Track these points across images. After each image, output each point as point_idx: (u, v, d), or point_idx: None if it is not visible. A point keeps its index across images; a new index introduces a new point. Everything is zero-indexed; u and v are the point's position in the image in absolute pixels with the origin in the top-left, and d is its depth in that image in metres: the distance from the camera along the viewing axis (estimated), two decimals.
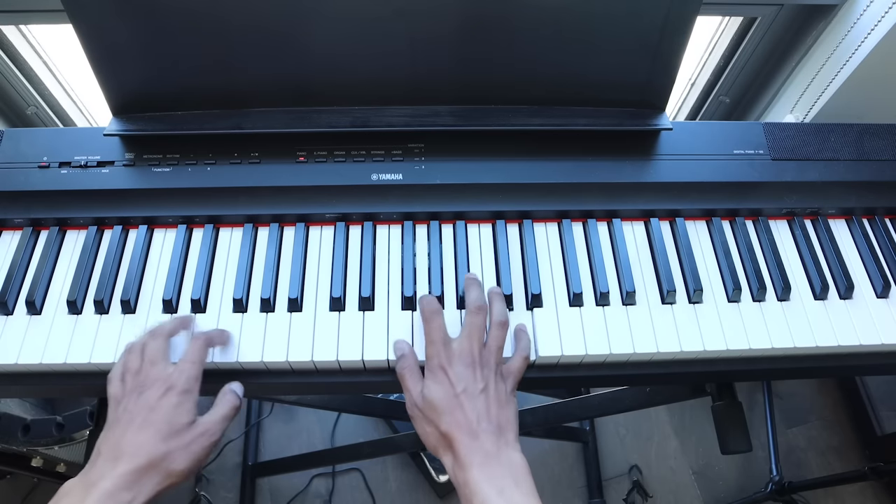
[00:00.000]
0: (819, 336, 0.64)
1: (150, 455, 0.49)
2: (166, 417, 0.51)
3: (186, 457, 0.51)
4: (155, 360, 0.55)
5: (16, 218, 0.68)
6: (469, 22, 0.64)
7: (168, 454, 0.50)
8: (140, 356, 0.56)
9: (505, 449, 0.52)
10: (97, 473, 0.49)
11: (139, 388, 0.53)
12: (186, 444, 0.51)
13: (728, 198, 0.71)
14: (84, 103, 1.08)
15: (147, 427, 0.51)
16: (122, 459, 0.49)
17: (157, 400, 0.52)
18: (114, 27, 0.62)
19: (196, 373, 0.55)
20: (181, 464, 0.50)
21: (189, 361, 0.55)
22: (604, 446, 1.49)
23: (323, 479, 1.43)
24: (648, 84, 0.70)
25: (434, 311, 0.59)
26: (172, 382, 0.53)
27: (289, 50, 0.65)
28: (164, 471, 0.50)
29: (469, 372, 0.55)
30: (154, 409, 0.52)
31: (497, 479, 0.50)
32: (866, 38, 0.80)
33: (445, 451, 0.53)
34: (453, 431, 0.53)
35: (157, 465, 0.49)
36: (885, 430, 1.40)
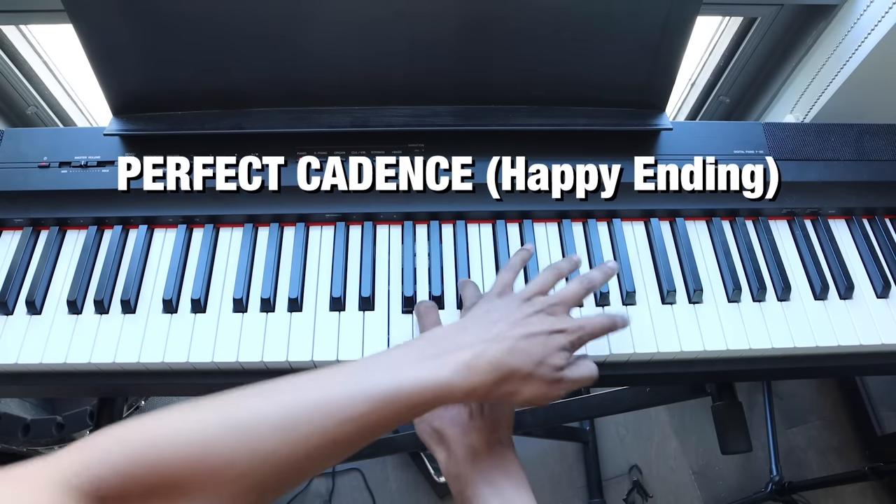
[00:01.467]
0: (819, 336, 0.64)
1: (522, 363, 0.47)
2: (551, 349, 0.49)
3: (537, 391, 0.48)
4: (567, 301, 0.53)
5: (16, 218, 0.68)
6: (469, 22, 0.64)
7: (531, 377, 0.47)
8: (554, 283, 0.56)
9: (496, 445, 0.52)
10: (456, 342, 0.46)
11: (541, 306, 0.51)
12: (548, 381, 0.49)
13: (728, 198, 0.71)
14: (84, 103, 1.08)
15: (534, 342, 0.48)
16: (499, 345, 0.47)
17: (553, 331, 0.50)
18: (114, 27, 0.62)
19: (588, 340, 0.53)
20: (529, 393, 0.48)
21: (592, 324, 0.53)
22: (604, 446, 1.49)
23: (323, 479, 1.43)
24: (648, 84, 0.70)
25: (429, 306, 0.60)
26: (571, 329, 0.51)
27: (289, 50, 0.65)
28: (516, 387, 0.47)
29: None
30: (546, 335, 0.49)
31: (489, 473, 0.50)
32: (866, 38, 0.80)
33: (438, 446, 0.53)
34: (444, 426, 0.53)
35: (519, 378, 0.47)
36: (885, 430, 1.40)
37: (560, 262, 0.58)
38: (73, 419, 0.99)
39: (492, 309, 0.51)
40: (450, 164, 0.68)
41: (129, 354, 0.60)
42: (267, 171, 0.68)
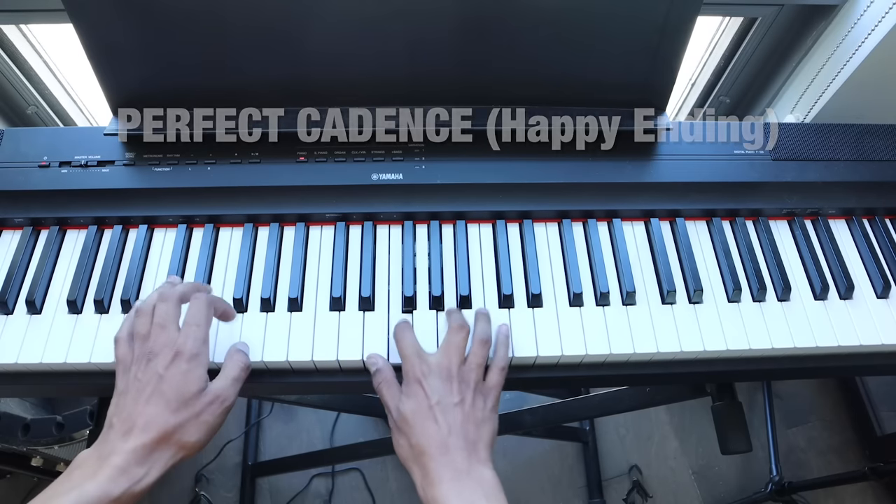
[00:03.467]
0: (819, 336, 0.64)
1: (161, 428, 0.47)
2: (176, 387, 0.49)
3: (199, 427, 0.49)
4: (164, 323, 0.52)
5: (16, 217, 0.68)
6: (469, 22, 0.64)
7: (180, 426, 0.48)
8: (149, 319, 0.53)
9: (476, 465, 0.51)
10: (109, 447, 0.47)
11: (147, 354, 0.51)
12: (198, 413, 0.49)
13: (728, 198, 0.71)
14: (84, 103, 1.08)
15: (157, 398, 0.49)
16: (133, 433, 0.47)
17: (166, 368, 0.50)
18: (114, 27, 0.62)
19: (203, 335, 0.52)
20: (194, 435, 0.49)
21: (194, 324, 0.52)
22: (604, 446, 1.49)
23: (323, 479, 1.43)
24: (649, 84, 0.70)
25: (404, 328, 0.59)
26: (180, 348, 0.51)
27: (289, 49, 0.65)
28: (177, 443, 0.48)
29: (445, 385, 0.54)
30: (163, 379, 0.49)
31: (467, 494, 0.49)
32: (867, 38, 0.80)
33: (414, 465, 0.52)
34: (423, 444, 0.51)
35: (170, 437, 0.48)
36: (885, 430, 1.40)
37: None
38: (73, 419, 0.99)
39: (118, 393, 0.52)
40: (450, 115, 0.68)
41: None
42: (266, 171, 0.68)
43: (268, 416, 1.49)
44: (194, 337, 0.52)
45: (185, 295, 0.55)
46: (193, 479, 1.40)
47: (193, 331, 0.52)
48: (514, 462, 1.45)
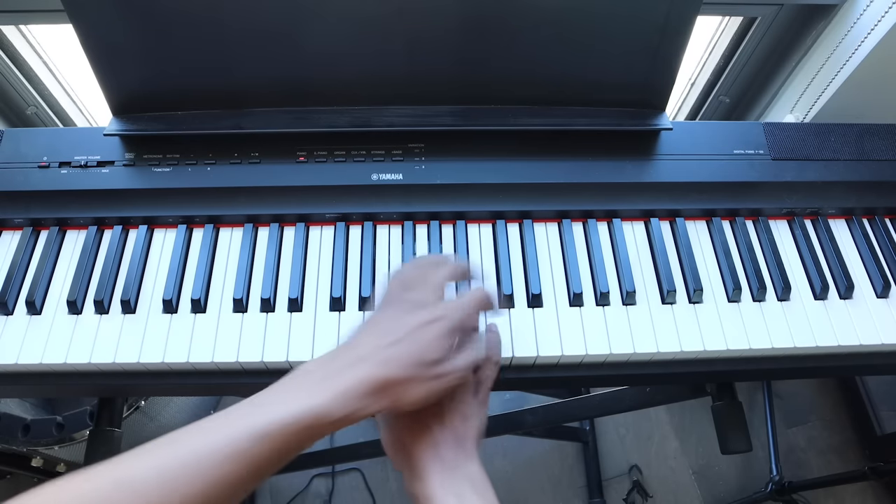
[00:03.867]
0: (819, 336, 0.64)
1: (394, 373, 0.47)
2: (425, 344, 0.48)
3: (422, 390, 0.48)
4: (436, 286, 0.52)
5: (16, 218, 0.68)
6: (468, 22, 0.64)
7: (409, 381, 0.47)
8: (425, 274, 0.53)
9: (464, 461, 0.51)
10: (339, 366, 0.47)
11: (412, 303, 0.51)
12: (429, 378, 0.48)
13: (728, 198, 0.71)
14: (84, 103, 1.08)
15: (404, 345, 0.48)
16: (368, 364, 0.47)
17: (426, 324, 0.49)
18: (114, 27, 0.62)
19: (467, 319, 0.52)
20: (413, 395, 0.48)
21: (469, 305, 0.52)
22: (604, 446, 1.49)
23: (323, 479, 1.43)
24: (648, 84, 0.70)
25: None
26: (445, 315, 0.50)
27: (288, 49, 0.65)
28: (397, 395, 0.47)
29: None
30: (418, 330, 0.49)
31: (457, 489, 0.49)
32: (866, 38, 0.80)
33: (403, 459, 0.52)
34: (412, 440, 0.51)
35: (396, 385, 0.47)
36: (884, 429, 1.40)
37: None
38: (73, 419, 0.99)
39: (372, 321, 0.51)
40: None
41: (129, 354, 0.60)
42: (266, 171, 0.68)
43: None
44: (462, 314, 0.51)
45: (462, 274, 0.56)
46: None
47: (463, 308, 0.52)
48: (514, 462, 1.45)
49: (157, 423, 1.13)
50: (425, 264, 0.54)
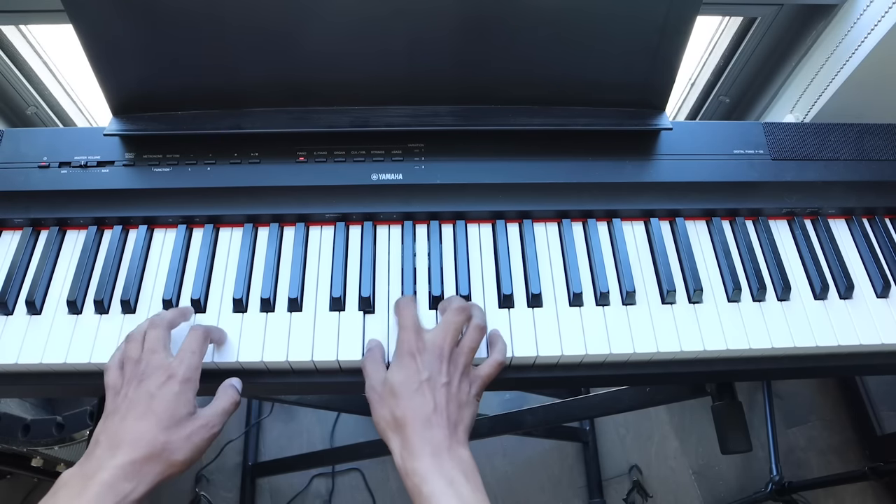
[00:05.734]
0: (819, 336, 0.64)
1: (150, 445, 0.49)
2: (167, 406, 0.50)
3: (187, 447, 0.50)
4: (155, 348, 0.54)
5: (16, 218, 0.68)
6: (468, 22, 0.64)
7: (168, 444, 0.49)
8: (140, 345, 0.55)
9: (456, 445, 0.52)
10: (95, 464, 0.48)
11: (139, 376, 0.52)
12: (187, 434, 0.50)
13: (728, 198, 0.71)
14: (84, 103, 1.08)
15: (148, 416, 0.50)
16: (122, 449, 0.48)
17: (158, 388, 0.51)
18: (114, 27, 0.62)
19: (197, 363, 0.54)
20: (181, 454, 0.50)
21: (189, 351, 0.55)
22: (604, 446, 1.49)
23: (323, 479, 1.43)
24: (648, 84, 0.70)
25: (408, 300, 0.60)
26: (173, 371, 0.52)
27: (288, 49, 0.65)
28: (165, 461, 0.49)
29: (437, 363, 0.55)
30: (154, 398, 0.51)
31: (448, 470, 0.50)
32: (866, 37, 0.80)
33: (395, 435, 0.53)
34: (407, 416, 0.52)
35: (158, 455, 0.49)
36: (884, 429, 1.40)
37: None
38: (73, 419, 0.99)
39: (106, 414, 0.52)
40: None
41: None
42: (266, 171, 0.68)
43: (268, 417, 1.49)
44: (189, 363, 0.54)
45: (173, 321, 0.58)
46: (194, 479, 1.40)
47: (188, 357, 0.54)
48: (514, 462, 1.45)
49: None
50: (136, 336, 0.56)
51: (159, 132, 0.69)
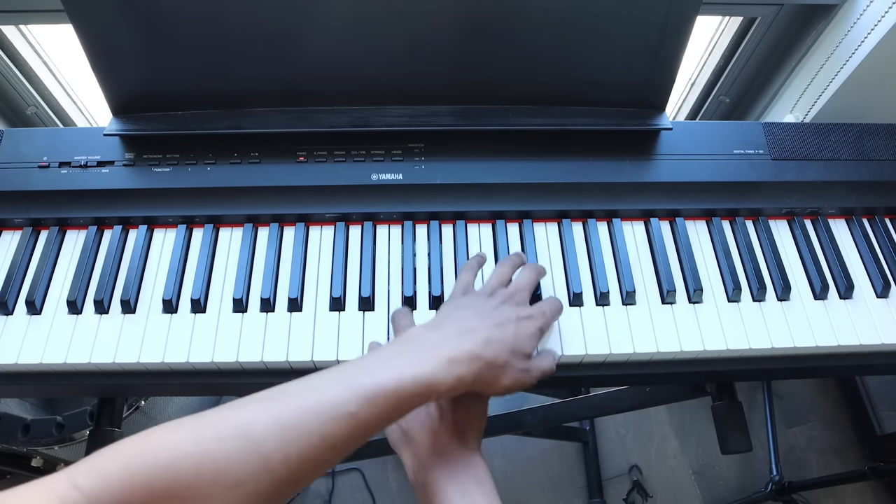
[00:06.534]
0: (819, 336, 0.64)
1: (497, 353, 0.49)
2: (522, 337, 0.52)
3: (513, 378, 0.50)
4: (525, 288, 0.57)
5: (16, 218, 0.68)
6: (468, 22, 0.64)
7: (506, 365, 0.50)
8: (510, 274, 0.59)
9: (466, 452, 0.52)
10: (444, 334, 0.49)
11: (504, 297, 0.55)
12: (519, 369, 0.51)
13: (728, 198, 0.71)
14: (84, 103, 1.08)
15: (506, 330, 0.51)
16: (473, 338, 0.49)
17: (522, 319, 0.53)
18: (114, 27, 0.62)
19: (550, 323, 0.57)
20: (506, 381, 0.50)
21: (551, 311, 0.57)
22: (604, 446, 1.49)
23: (323, 479, 1.43)
24: (648, 84, 0.70)
25: (404, 312, 0.59)
26: (536, 315, 0.55)
27: (288, 49, 0.65)
28: (493, 377, 0.49)
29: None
30: (516, 322, 0.52)
31: (459, 480, 0.49)
32: (866, 37, 0.80)
33: (405, 449, 0.53)
34: (414, 429, 0.52)
35: (496, 367, 0.49)
36: (884, 429, 1.40)
37: (510, 257, 0.62)
38: (73, 419, 0.99)
39: (460, 306, 0.53)
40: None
41: (129, 354, 0.60)
42: (266, 171, 0.68)
43: None
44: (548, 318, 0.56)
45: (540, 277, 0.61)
46: None
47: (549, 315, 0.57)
48: (514, 462, 1.45)
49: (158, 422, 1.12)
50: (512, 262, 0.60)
51: (159, 132, 0.69)
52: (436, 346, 0.47)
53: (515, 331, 0.51)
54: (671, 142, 0.73)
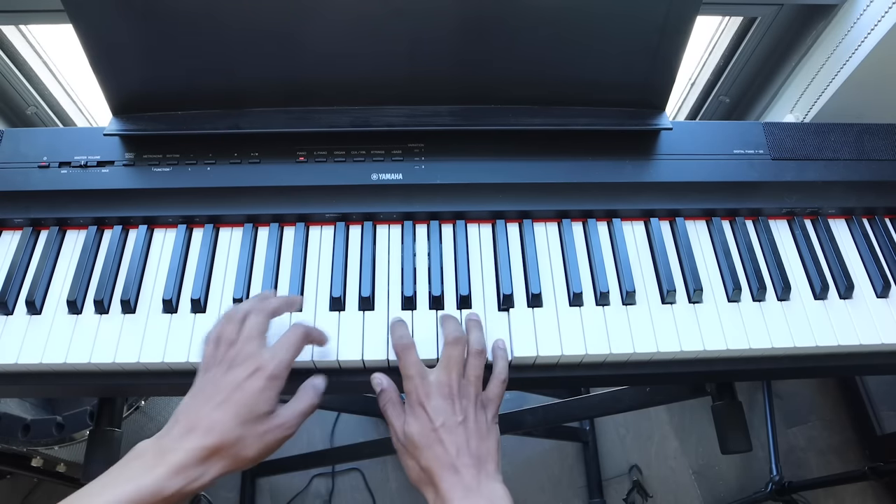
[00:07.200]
0: (819, 336, 0.64)
1: (223, 436, 0.48)
2: (248, 401, 0.50)
3: (258, 445, 0.50)
4: (252, 336, 0.53)
5: (16, 218, 0.68)
6: (468, 21, 0.64)
7: (241, 439, 0.49)
8: (238, 327, 0.54)
9: (486, 481, 0.51)
10: (170, 442, 0.48)
11: (229, 361, 0.52)
12: (261, 433, 0.50)
13: (728, 198, 0.71)
14: (84, 103, 1.08)
15: (228, 406, 0.49)
16: (196, 433, 0.48)
17: (244, 380, 0.50)
18: (114, 27, 0.62)
19: (288, 362, 0.53)
20: (251, 451, 0.49)
21: (283, 348, 0.53)
22: (604, 446, 1.49)
23: (323, 479, 1.43)
24: (648, 84, 0.70)
25: (406, 346, 0.58)
26: (263, 365, 0.51)
27: (288, 49, 0.65)
28: (234, 455, 0.49)
29: (447, 405, 0.54)
30: (238, 389, 0.50)
31: None
32: (866, 37, 0.80)
33: (427, 487, 0.53)
34: (433, 467, 0.52)
35: (229, 448, 0.48)
36: (884, 429, 1.40)
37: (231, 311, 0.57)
38: (73, 419, 0.99)
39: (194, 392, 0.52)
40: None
41: (128, 354, 0.60)
42: (266, 171, 0.68)
43: None
44: (280, 360, 0.52)
45: (277, 310, 0.57)
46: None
47: (282, 354, 0.53)
48: (514, 462, 1.45)
49: (157, 423, 1.13)
50: (235, 316, 0.55)
51: (159, 132, 0.69)
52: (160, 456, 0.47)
53: (240, 399, 0.50)
54: (671, 142, 0.73)
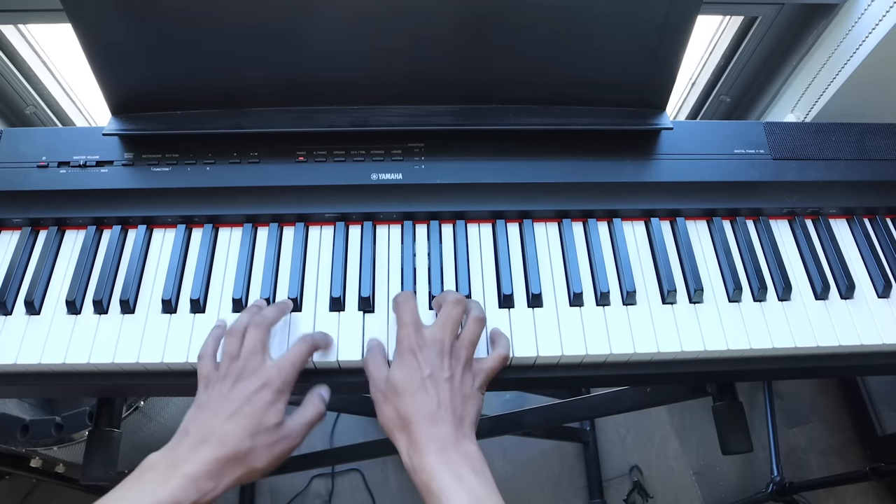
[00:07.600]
0: (820, 336, 0.64)
1: (236, 447, 0.49)
2: (258, 413, 0.51)
3: (268, 456, 0.51)
4: (255, 350, 0.55)
5: (14, 218, 0.67)
6: (468, 21, 0.64)
7: (252, 450, 0.50)
8: (240, 342, 0.55)
9: (462, 440, 0.52)
10: (182, 454, 0.49)
11: (236, 375, 0.53)
12: (271, 444, 0.51)
13: (729, 197, 0.71)
14: (83, 103, 1.08)
15: (238, 418, 0.50)
16: (208, 445, 0.49)
17: (253, 394, 0.52)
18: (113, 27, 0.62)
19: (294, 375, 0.55)
20: (262, 462, 0.50)
21: (290, 362, 0.55)
22: (604, 446, 1.49)
23: (323, 480, 1.43)
24: (649, 83, 0.70)
25: (407, 296, 0.59)
26: (270, 379, 0.53)
27: (288, 49, 0.65)
28: (246, 466, 0.50)
29: (438, 359, 0.55)
30: (248, 402, 0.51)
31: (455, 465, 0.50)
32: (867, 37, 0.80)
33: (401, 433, 0.53)
34: (412, 414, 0.52)
35: (241, 458, 0.49)
36: (885, 430, 1.40)
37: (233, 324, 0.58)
38: (72, 419, 0.99)
39: (199, 405, 0.53)
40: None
41: (128, 354, 0.60)
42: (266, 171, 0.68)
43: None
44: (287, 374, 0.54)
45: (274, 320, 0.58)
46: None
47: (288, 368, 0.54)
48: (514, 462, 1.45)
49: (157, 423, 1.13)
50: (235, 331, 0.56)
51: (158, 132, 0.69)
52: (172, 468, 0.48)
53: (250, 411, 0.51)
54: (672, 141, 0.73)
